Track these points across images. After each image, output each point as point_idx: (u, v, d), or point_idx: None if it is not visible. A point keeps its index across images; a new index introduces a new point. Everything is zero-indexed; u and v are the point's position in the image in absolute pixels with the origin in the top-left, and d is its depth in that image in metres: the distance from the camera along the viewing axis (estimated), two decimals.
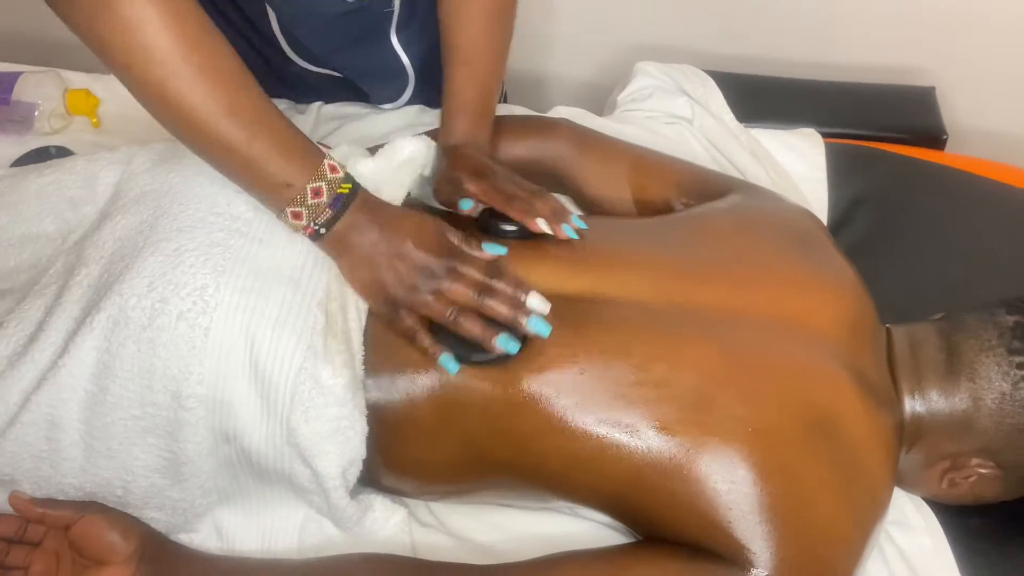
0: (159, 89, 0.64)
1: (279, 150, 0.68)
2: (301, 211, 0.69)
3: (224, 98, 0.65)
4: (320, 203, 0.68)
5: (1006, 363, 0.73)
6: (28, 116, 1.10)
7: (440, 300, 0.70)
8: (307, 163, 0.69)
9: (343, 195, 0.69)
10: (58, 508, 0.72)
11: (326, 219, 0.69)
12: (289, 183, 0.68)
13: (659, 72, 1.18)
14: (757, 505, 0.66)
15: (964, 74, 1.35)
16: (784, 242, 0.81)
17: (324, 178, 0.69)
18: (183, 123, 0.66)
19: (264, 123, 0.68)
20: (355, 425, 0.70)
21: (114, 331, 0.68)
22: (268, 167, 0.68)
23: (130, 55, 0.63)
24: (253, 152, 0.67)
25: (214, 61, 0.65)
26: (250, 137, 0.67)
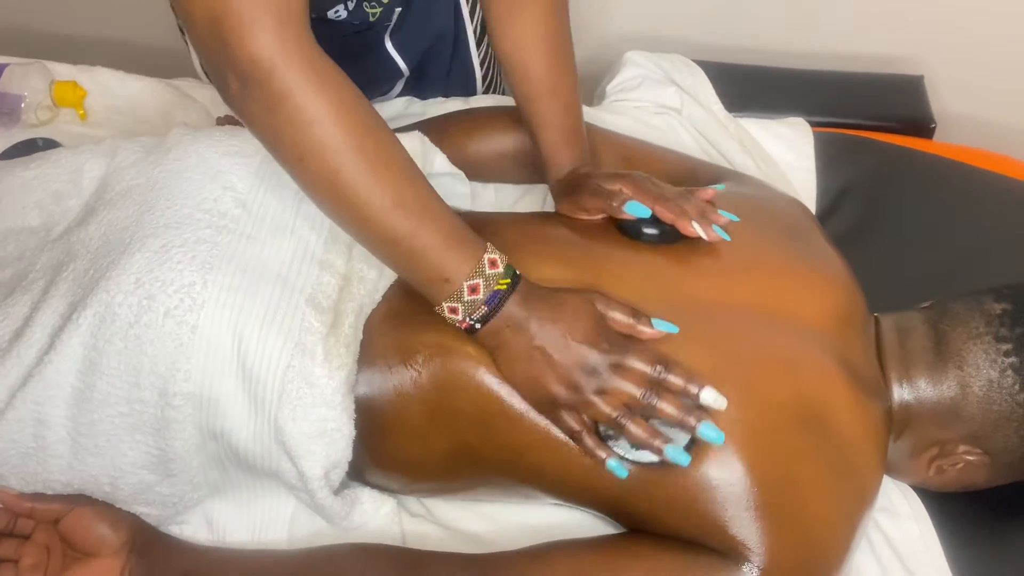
0: (331, 181, 0.63)
1: (441, 244, 0.66)
2: (457, 307, 0.66)
3: (392, 190, 0.64)
4: (476, 300, 0.66)
5: (993, 351, 0.73)
6: (15, 108, 1.10)
7: (606, 401, 0.67)
8: (467, 258, 0.66)
9: (499, 291, 0.66)
10: (47, 502, 0.72)
11: (481, 315, 0.67)
12: (447, 279, 0.66)
13: (648, 62, 1.18)
14: (751, 504, 0.66)
15: (952, 63, 1.35)
16: (773, 231, 0.81)
17: (482, 274, 0.66)
18: (352, 214, 0.65)
19: (428, 217, 0.66)
20: (342, 428, 0.69)
21: (100, 328, 0.68)
22: (429, 261, 0.66)
23: (303, 148, 0.62)
24: (416, 245, 0.65)
25: (383, 153, 0.64)
26: (415, 230, 0.65)
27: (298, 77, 0.60)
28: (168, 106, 1.12)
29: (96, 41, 1.57)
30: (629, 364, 0.67)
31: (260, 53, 0.59)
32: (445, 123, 0.96)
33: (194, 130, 0.81)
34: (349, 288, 0.73)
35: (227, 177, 0.75)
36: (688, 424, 0.66)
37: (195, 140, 0.78)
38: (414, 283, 0.68)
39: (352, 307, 0.72)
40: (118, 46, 1.57)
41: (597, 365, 0.67)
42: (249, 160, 0.76)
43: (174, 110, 1.11)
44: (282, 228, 0.73)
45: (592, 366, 0.67)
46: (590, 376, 0.67)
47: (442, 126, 0.94)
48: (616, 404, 0.67)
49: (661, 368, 0.67)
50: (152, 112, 1.12)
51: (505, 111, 0.97)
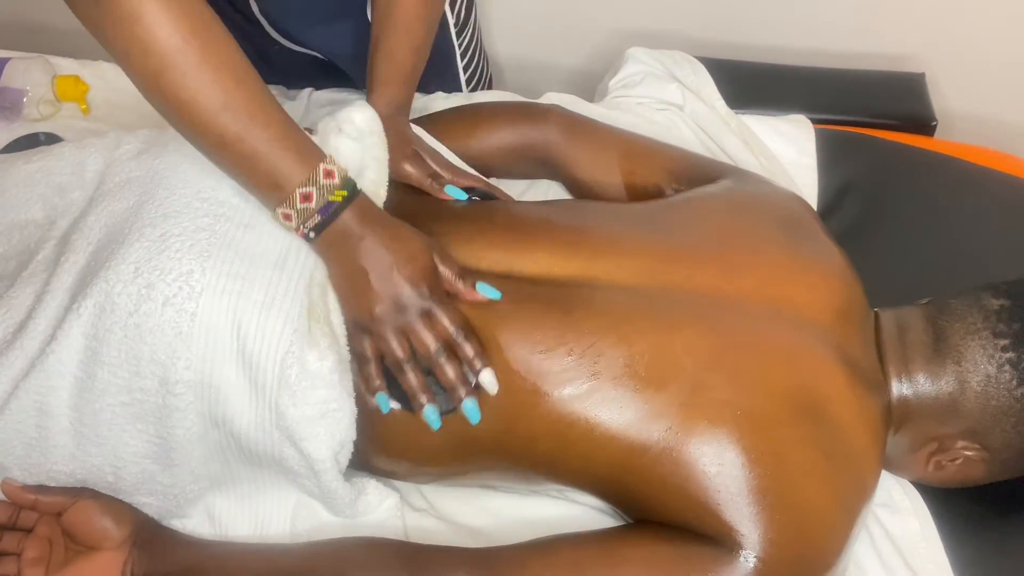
0: (155, 81, 0.64)
1: (273, 149, 0.66)
2: (291, 213, 0.68)
3: (220, 92, 0.64)
4: (309, 208, 0.67)
5: (991, 346, 0.74)
6: (17, 102, 1.10)
7: (400, 341, 0.69)
8: (300, 166, 0.67)
9: (334, 203, 0.67)
10: (50, 495, 0.72)
11: (314, 224, 0.68)
12: (279, 184, 0.67)
13: (650, 58, 1.18)
14: (745, 488, 0.67)
15: (954, 60, 1.35)
16: (774, 227, 0.82)
17: (315, 183, 0.67)
18: (178, 115, 0.65)
19: (260, 120, 0.66)
20: (344, 407, 0.70)
21: (100, 317, 0.68)
22: (260, 166, 0.67)
23: (128, 45, 0.63)
24: (246, 149, 0.66)
25: (212, 54, 0.64)
26: (243, 134, 0.65)
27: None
28: None
29: None
30: (437, 316, 0.69)
31: None
32: (448, 118, 0.96)
33: None
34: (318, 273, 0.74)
35: None
36: (458, 394, 0.69)
37: None
38: (249, 191, 0.70)
39: (319, 291, 0.73)
40: None
41: (408, 304, 0.69)
42: None
43: None
44: None
45: (403, 303, 0.69)
46: (397, 312, 0.69)
47: (445, 121, 0.95)
48: (406, 347, 0.69)
49: (462, 334, 0.69)
50: None
51: (508, 106, 0.98)
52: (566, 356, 0.70)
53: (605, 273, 0.75)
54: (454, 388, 0.70)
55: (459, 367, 0.70)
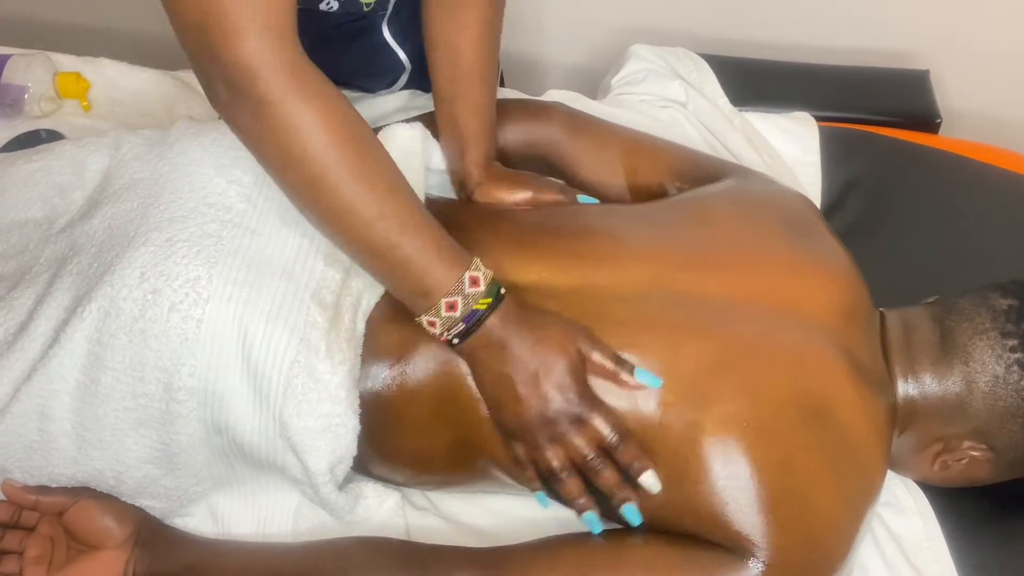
0: (313, 190, 0.63)
1: (422, 258, 0.66)
2: (435, 321, 0.67)
3: (374, 202, 0.64)
4: (453, 317, 0.66)
5: (999, 346, 0.73)
6: (18, 99, 1.09)
7: (555, 451, 0.68)
8: (447, 274, 0.66)
9: (478, 311, 0.66)
10: (51, 495, 0.72)
11: (458, 332, 0.67)
12: (426, 293, 0.66)
13: (653, 55, 1.18)
14: (755, 498, 0.66)
15: (958, 58, 1.35)
16: (778, 226, 0.81)
17: (461, 292, 0.66)
18: (335, 225, 0.65)
19: (411, 230, 0.66)
20: (347, 423, 0.69)
21: (105, 322, 0.68)
22: (410, 274, 0.66)
23: (286, 156, 0.62)
24: (398, 257, 0.65)
25: (367, 162, 0.64)
26: (396, 243, 0.65)
27: (282, 84, 0.60)
28: (172, 98, 1.11)
29: (99, 32, 1.57)
30: (590, 423, 0.67)
31: (246, 61, 0.59)
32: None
33: (198, 123, 0.81)
34: (348, 282, 0.73)
35: (232, 171, 0.74)
36: (618, 499, 0.68)
37: (199, 134, 0.78)
38: (397, 295, 0.69)
39: (350, 301, 0.72)
40: (121, 37, 1.56)
41: (559, 414, 0.67)
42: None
43: (178, 102, 1.11)
44: (287, 222, 0.73)
45: (552, 413, 0.67)
46: (546, 423, 0.67)
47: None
48: (563, 457, 0.68)
49: (617, 438, 0.67)
50: (156, 104, 1.11)
51: (510, 104, 0.97)
52: None
53: (609, 282, 0.74)
54: (614, 495, 0.68)
55: (616, 472, 0.68)
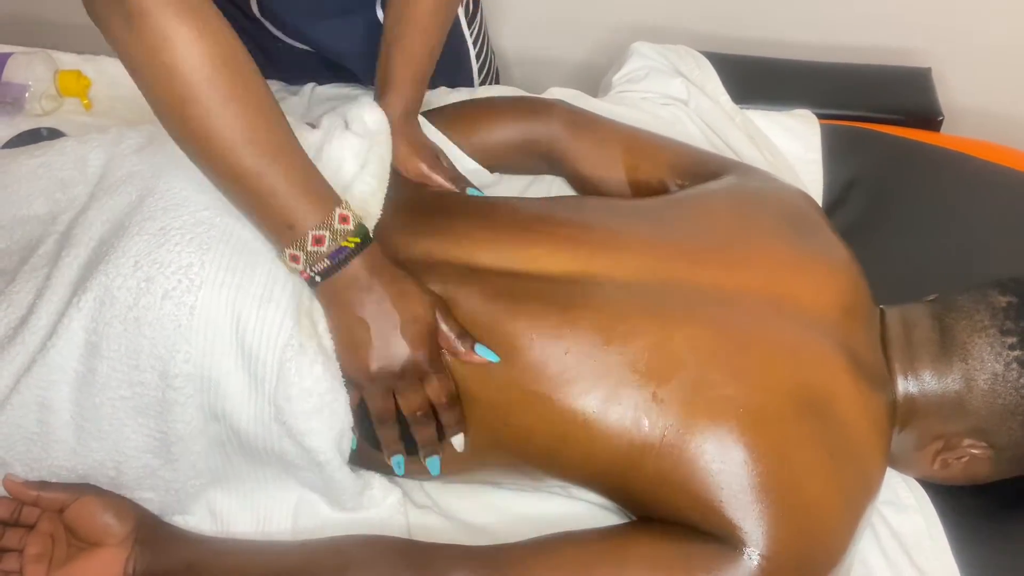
0: (179, 109, 0.63)
1: (289, 189, 0.65)
2: (299, 255, 0.66)
3: (245, 127, 0.63)
4: (319, 251, 0.66)
5: (998, 344, 0.73)
6: (19, 97, 1.09)
7: (386, 401, 0.70)
8: (316, 207, 0.66)
9: (346, 249, 0.66)
10: (52, 491, 0.72)
11: (323, 268, 0.66)
12: (292, 225, 0.66)
13: (654, 53, 1.17)
14: (749, 485, 0.66)
15: (960, 55, 1.34)
16: (779, 223, 0.81)
17: (330, 227, 0.66)
18: (197, 146, 0.65)
19: (281, 159, 0.65)
20: (338, 397, 0.70)
21: (100, 311, 0.68)
22: (275, 204, 0.65)
23: (154, 73, 0.62)
24: (264, 186, 0.65)
25: (240, 87, 0.63)
26: (262, 171, 0.64)
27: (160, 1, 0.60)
28: None
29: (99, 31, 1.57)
30: (432, 383, 0.70)
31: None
32: (451, 113, 0.96)
33: None
34: None
35: None
36: (426, 451, 0.72)
37: None
38: (257, 226, 0.69)
39: None
40: None
41: (405, 369, 0.69)
42: None
43: None
44: None
45: (401, 367, 0.68)
46: (392, 375, 0.69)
47: (448, 116, 0.94)
48: (391, 407, 0.70)
49: (447, 403, 0.70)
50: None
51: (511, 101, 0.97)
52: (564, 355, 0.70)
53: (605, 269, 0.75)
54: (423, 446, 0.72)
55: (434, 430, 0.71)
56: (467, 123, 0.94)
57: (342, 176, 0.77)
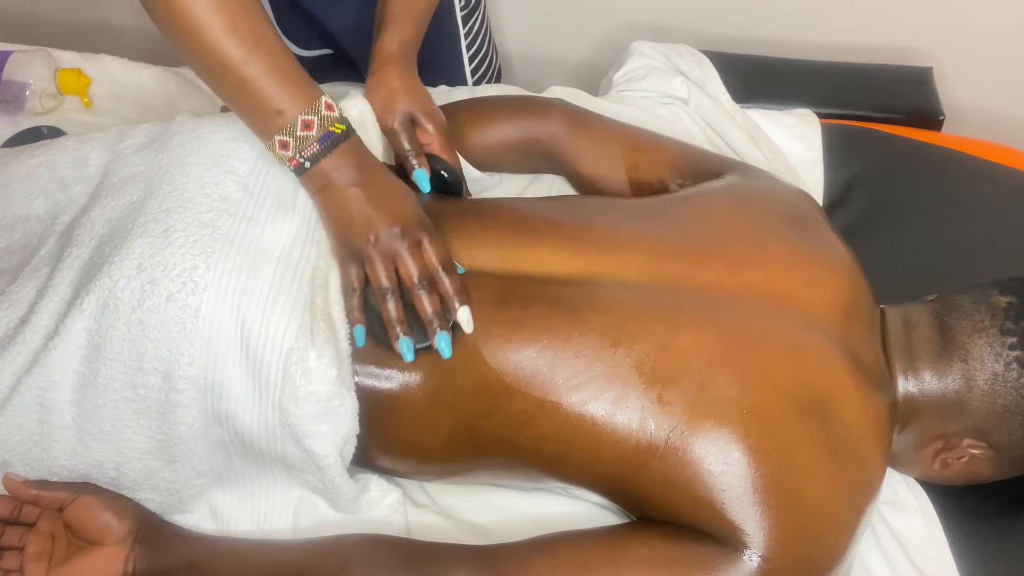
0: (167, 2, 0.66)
1: (276, 75, 0.68)
2: (288, 141, 0.69)
3: (227, 15, 0.67)
4: (309, 136, 0.69)
5: (998, 344, 0.73)
6: (19, 96, 1.09)
7: (388, 268, 0.70)
8: (302, 94, 0.69)
9: (334, 133, 0.69)
10: (52, 489, 0.72)
11: (312, 153, 0.69)
12: (280, 110, 0.69)
13: (655, 52, 1.17)
14: (750, 487, 0.66)
15: (962, 54, 1.34)
16: (780, 223, 0.81)
17: (317, 112, 0.69)
18: (185, 36, 0.67)
19: (264, 46, 0.68)
20: (345, 403, 0.70)
21: (104, 313, 0.68)
22: (262, 90, 0.68)
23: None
24: (249, 72, 0.68)
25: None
26: (247, 57, 0.67)
27: None
28: (173, 94, 1.11)
29: (99, 29, 1.57)
30: (426, 247, 0.71)
31: None
32: (450, 112, 0.95)
33: (197, 117, 0.81)
34: (334, 266, 0.74)
35: (229, 161, 0.75)
36: (433, 327, 0.70)
37: (198, 126, 0.78)
38: (247, 117, 0.71)
39: (319, 283, 0.73)
40: (122, 34, 1.56)
41: (406, 228, 0.70)
42: (252, 144, 0.76)
43: (179, 98, 1.11)
44: (283, 209, 0.73)
45: (402, 227, 0.70)
46: (394, 236, 0.70)
47: (447, 116, 0.94)
48: (393, 276, 0.70)
49: (446, 269, 0.71)
50: (157, 100, 1.11)
51: (511, 100, 0.97)
52: (574, 358, 0.70)
53: (609, 271, 0.75)
54: (430, 321, 0.70)
55: (438, 302, 0.70)
56: (467, 123, 0.94)
57: None
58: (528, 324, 0.71)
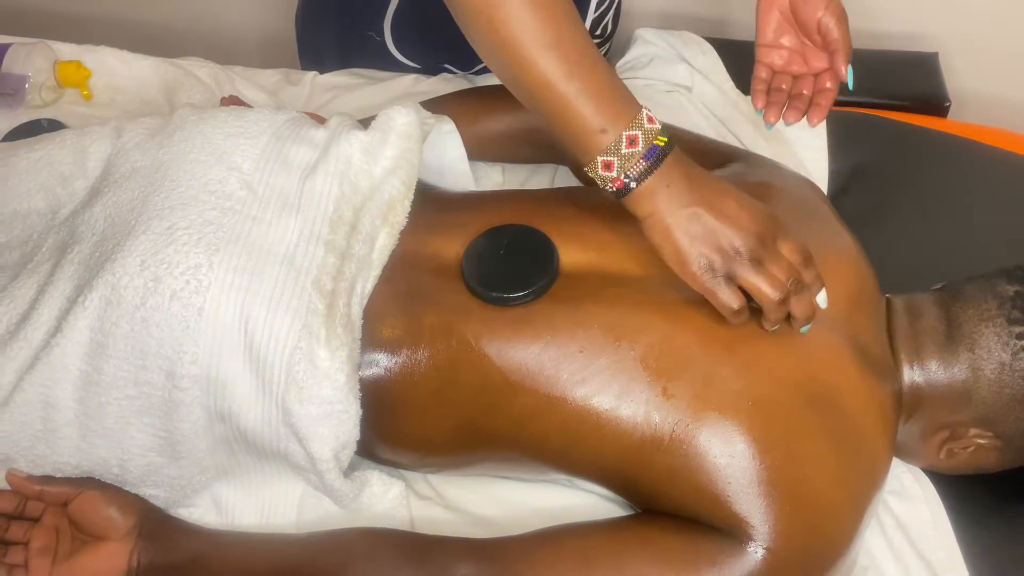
0: (487, 14, 0.63)
1: (598, 93, 0.64)
2: (612, 161, 0.64)
3: (550, 31, 0.63)
4: (634, 153, 0.64)
5: (1006, 333, 0.73)
6: (19, 89, 1.09)
7: (761, 275, 0.65)
8: (624, 110, 0.64)
9: (658, 147, 0.64)
10: (56, 485, 0.72)
11: (638, 172, 0.64)
12: (604, 129, 0.64)
13: (658, 39, 1.17)
14: (755, 479, 0.66)
15: (968, 40, 1.33)
16: (785, 213, 0.80)
17: (641, 127, 0.64)
18: (506, 53, 0.64)
19: (587, 63, 0.64)
20: (349, 409, 0.69)
21: (107, 310, 0.68)
22: (585, 109, 0.64)
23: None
24: (571, 90, 0.64)
25: None
26: (570, 74, 0.63)
27: None
28: (172, 86, 1.11)
29: (98, 20, 1.56)
30: (786, 250, 0.66)
31: None
32: (451, 103, 0.95)
33: (199, 111, 0.80)
34: (342, 267, 0.73)
35: (232, 158, 0.74)
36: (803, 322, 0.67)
37: (200, 121, 0.77)
38: (566, 137, 0.66)
39: (344, 286, 0.72)
40: (120, 25, 1.56)
41: (762, 238, 0.65)
42: (255, 141, 0.75)
43: (178, 90, 1.10)
44: (288, 209, 0.73)
45: (755, 234, 0.65)
46: (753, 247, 0.65)
47: (448, 106, 0.93)
48: (770, 283, 0.65)
49: (807, 258, 0.67)
50: (157, 92, 1.11)
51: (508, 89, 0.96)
52: (578, 353, 0.69)
53: (613, 264, 0.74)
54: (805, 321, 0.67)
55: (809, 297, 0.67)
56: (468, 113, 0.93)
57: (352, 171, 0.76)
58: (531, 320, 0.70)
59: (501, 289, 0.71)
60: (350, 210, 0.74)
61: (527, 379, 0.69)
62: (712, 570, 0.66)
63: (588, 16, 1.09)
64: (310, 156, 0.76)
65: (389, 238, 0.75)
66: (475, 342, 0.70)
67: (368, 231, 0.74)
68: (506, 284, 0.71)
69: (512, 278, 0.71)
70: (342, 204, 0.74)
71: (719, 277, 0.65)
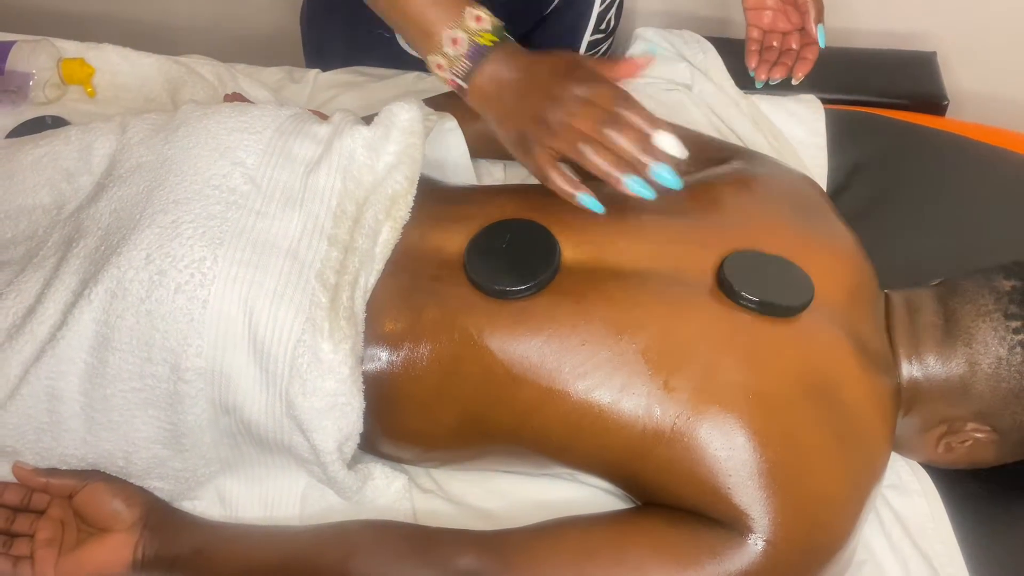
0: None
1: None
2: (442, 62, 0.68)
3: None
4: (458, 53, 0.67)
5: (1003, 328, 0.73)
6: (23, 86, 1.09)
7: (565, 130, 0.67)
8: (447, 11, 0.68)
9: (482, 46, 0.67)
10: (61, 477, 0.73)
11: (463, 71, 0.67)
12: (429, 32, 0.68)
13: (659, 38, 1.17)
14: (756, 472, 0.66)
15: (966, 39, 1.34)
16: (784, 208, 0.81)
17: (463, 27, 0.67)
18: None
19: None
20: (352, 401, 0.69)
21: (112, 303, 0.68)
22: (414, 15, 0.69)
23: None
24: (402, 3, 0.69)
25: None
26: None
27: None
28: (176, 83, 1.11)
29: (102, 18, 1.57)
30: (592, 95, 0.67)
31: None
32: (453, 100, 0.95)
33: (203, 107, 0.81)
34: (345, 261, 0.73)
35: (236, 153, 0.75)
36: (642, 163, 0.65)
37: (204, 117, 0.78)
38: (413, 45, 0.71)
39: (348, 279, 0.72)
40: (124, 23, 1.56)
41: (563, 94, 0.67)
42: (258, 136, 0.76)
43: (182, 87, 1.11)
44: (292, 203, 0.73)
45: (557, 95, 0.67)
46: (556, 105, 0.67)
47: (449, 103, 0.94)
48: (576, 131, 0.66)
49: (623, 104, 0.67)
50: (160, 89, 1.11)
51: None
52: (580, 347, 0.70)
53: (615, 257, 0.74)
54: (636, 160, 0.66)
55: (633, 135, 0.66)
56: (470, 110, 0.93)
57: (355, 165, 0.77)
58: (534, 313, 0.71)
59: (503, 282, 0.72)
60: (353, 204, 0.75)
61: (529, 372, 0.70)
62: (712, 562, 0.66)
63: (594, 10, 1.10)
64: (313, 151, 0.76)
65: (392, 232, 0.75)
66: (477, 335, 0.71)
67: (371, 225, 0.74)
68: (508, 277, 0.72)
69: (514, 272, 0.72)
70: (345, 198, 0.75)
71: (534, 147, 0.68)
